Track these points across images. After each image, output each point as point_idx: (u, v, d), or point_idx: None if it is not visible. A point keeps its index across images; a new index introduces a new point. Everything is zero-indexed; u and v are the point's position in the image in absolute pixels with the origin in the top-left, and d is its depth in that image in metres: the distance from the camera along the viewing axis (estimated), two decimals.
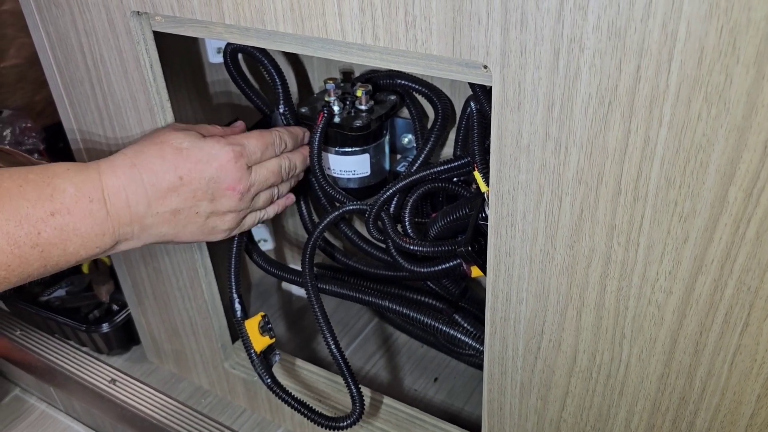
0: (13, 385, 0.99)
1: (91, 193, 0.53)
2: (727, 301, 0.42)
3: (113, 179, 0.54)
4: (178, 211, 0.57)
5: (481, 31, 0.42)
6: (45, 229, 0.51)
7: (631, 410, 0.50)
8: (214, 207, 0.58)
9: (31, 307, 0.94)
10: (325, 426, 0.67)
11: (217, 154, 0.57)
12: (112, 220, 0.54)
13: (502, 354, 0.55)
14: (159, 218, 0.56)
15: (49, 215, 0.51)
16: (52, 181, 0.52)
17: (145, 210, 0.55)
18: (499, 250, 0.50)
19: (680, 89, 0.37)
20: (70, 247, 0.53)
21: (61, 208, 0.52)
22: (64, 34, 0.64)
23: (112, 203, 0.54)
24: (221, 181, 0.57)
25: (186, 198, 0.57)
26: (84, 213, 0.53)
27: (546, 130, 0.42)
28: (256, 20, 0.51)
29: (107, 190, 0.54)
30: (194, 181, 0.56)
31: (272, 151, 0.62)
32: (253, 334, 0.67)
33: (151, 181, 0.55)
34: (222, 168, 0.57)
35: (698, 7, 0.34)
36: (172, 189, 0.56)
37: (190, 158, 0.56)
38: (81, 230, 0.53)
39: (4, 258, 0.50)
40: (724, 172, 0.38)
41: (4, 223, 0.49)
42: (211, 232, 0.60)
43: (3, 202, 0.50)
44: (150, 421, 0.82)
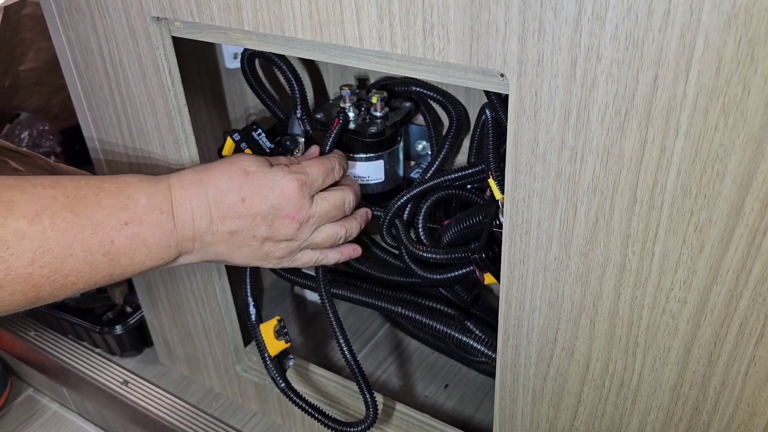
0: (26, 385, 1.00)
1: (161, 205, 0.54)
2: (742, 311, 0.42)
3: (181, 192, 0.55)
4: (236, 233, 0.57)
5: (498, 39, 0.42)
6: (118, 238, 0.52)
7: (643, 420, 0.50)
8: (271, 233, 0.58)
9: (45, 307, 0.94)
10: (338, 431, 0.67)
11: (281, 182, 0.57)
12: (177, 233, 0.55)
13: (515, 361, 0.55)
14: (218, 237, 0.57)
15: (122, 224, 0.52)
16: (126, 191, 0.53)
17: (207, 226, 0.56)
18: (514, 257, 0.50)
19: (697, 99, 0.37)
20: (138, 257, 0.53)
21: (133, 217, 0.52)
22: (84, 38, 0.65)
23: (179, 216, 0.55)
24: (282, 208, 0.57)
25: (245, 221, 0.57)
26: (154, 224, 0.53)
27: (562, 139, 0.43)
28: (275, 27, 0.52)
29: (175, 202, 0.55)
30: (256, 205, 0.57)
31: (332, 178, 0.62)
32: (268, 338, 0.68)
33: (215, 198, 0.56)
34: (284, 195, 0.57)
35: (717, 18, 0.34)
36: (233, 209, 0.56)
37: (255, 182, 0.57)
38: (149, 241, 0.53)
39: (77, 264, 0.50)
40: (740, 182, 0.38)
41: (80, 229, 0.50)
42: (264, 258, 0.60)
43: (80, 209, 0.50)
44: (161, 423, 0.83)
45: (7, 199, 0.48)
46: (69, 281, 0.50)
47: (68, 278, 0.50)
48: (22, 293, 0.48)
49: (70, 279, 0.50)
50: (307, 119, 0.69)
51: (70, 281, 0.51)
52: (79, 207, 0.50)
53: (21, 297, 0.49)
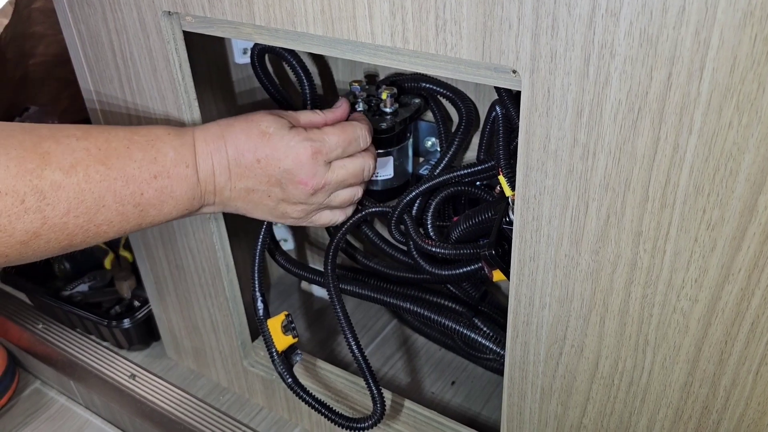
0: (34, 378, 1.00)
1: (187, 159, 0.55)
2: (753, 310, 0.41)
3: (203, 146, 0.56)
4: (252, 191, 0.58)
5: (511, 36, 0.42)
6: (147, 190, 0.53)
7: (652, 418, 0.50)
8: (285, 195, 0.59)
9: (53, 301, 0.95)
10: (346, 427, 0.67)
11: (294, 147, 0.57)
12: (201, 185, 0.57)
13: (524, 358, 0.55)
14: (236, 193, 0.58)
15: (152, 177, 0.53)
16: (155, 144, 0.54)
17: (226, 182, 0.57)
18: (524, 254, 0.50)
19: (712, 97, 0.37)
20: (165, 209, 0.55)
21: (162, 171, 0.54)
22: (95, 32, 0.65)
23: (202, 169, 0.56)
24: (295, 173, 0.58)
25: (260, 181, 0.58)
26: (180, 177, 0.55)
27: (574, 136, 0.42)
28: (286, 22, 0.52)
29: (198, 156, 0.56)
30: (269, 167, 0.57)
31: (355, 147, 0.61)
32: (276, 333, 0.68)
33: (233, 155, 0.57)
34: (297, 161, 0.57)
35: (732, 15, 0.34)
36: (249, 168, 0.57)
37: (270, 145, 0.57)
38: (176, 193, 0.55)
39: (109, 214, 0.52)
40: (754, 180, 0.38)
41: (113, 182, 0.51)
42: (281, 216, 0.61)
43: (112, 161, 0.52)
44: (168, 416, 0.83)
45: (43, 150, 0.49)
46: (101, 230, 0.52)
47: (100, 227, 0.52)
48: (57, 241, 0.50)
49: (102, 228, 0.52)
50: None
51: (102, 230, 0.52)
52: (110, 160, 0.52)
53: (56, 245, 0.51)
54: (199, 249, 0.73)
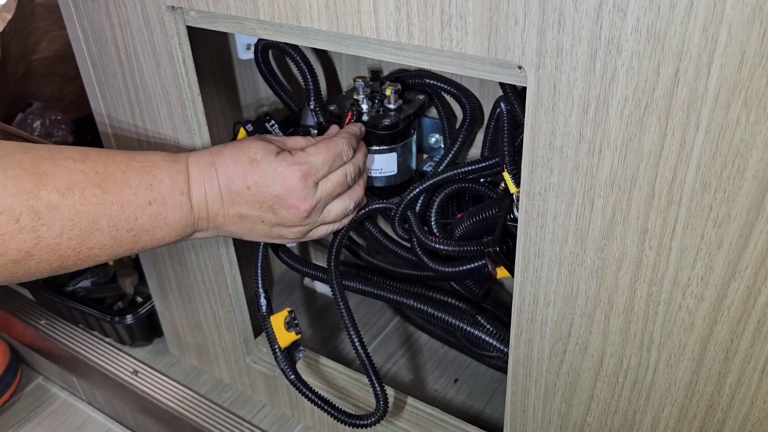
0: (37, 374, 1.00)
1: (181, 186, 0.56)
2: (759, 308, 0.41)
3: (196, 173, 0.57)
4: (245, 217, 0.59)
5: (517, 31, 0.41)
6: (142, 216, 0.54)
7: (657, 416, 0.50)
8: (278, 220, 0.59)
9: (56, 297, 0.95)
10: (349, 424, 0.67)
11: (283, 173, 0.57)
12: (194, 213, 0.57)
13: (527, 356, 0.55)
14: (229, 219, 0.59)
15: (147, 204, 0.54)
16: (152, 170, 0.55)
17: (218, 209, 0.58)
18: (528, 251, 0.49)
19: (719, 93, 0.36)
20: (158, 234, 0.55)
21: (158, 198, 0.54)
22: (98, 27, 0.64)
23: (194, 197, 0.56)
24: (285, 198, 0.58)
25: (252, 206, 0.58)
26: (175, 204, 0.55)
27: (580, 132, 0.42)
28: (290, 17, 0.52)
29: (192, 183, 0.56)
30: (260, 194, 0.58)
31: (339, 162, 0.61)
32: (279, 329, 0.68)
33: (224, 182, 0.57)
34: (287, 186, 0.57)
35: (740, 10, 0.34)
36: (240, 195, 0.58)
37: (259, 171, 0.57)
38: (170, 220, 0.55)
39: (102, 238, 0.52)
40: (761, 178, 0.37)
41: (108, 206, 0.52)
42: (277, 238, 0.62)
43: (109, 185, 0.52)
44: (171, 413, 0.83)
45: (40, 170, 0.49)
46: (93, 253, 0.52)
47: (92, 250, 0.52)
48: (48, 262, 0.50)
49: (94, 251, 0.52)
50: (320, 111, 0.69)
51: (94, 253, 0.53)
52: (107, 184, 0.52)
53: (47, 266, 0.51)
54: (201, 245, 0.73)
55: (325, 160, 0.59)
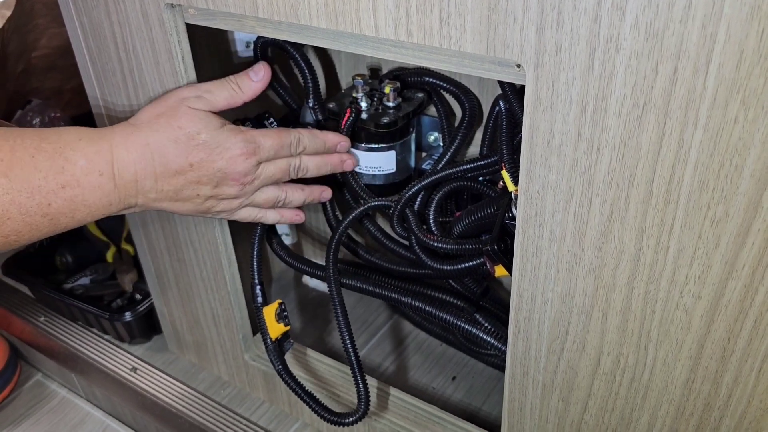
0: (35, 371, 1.00)
1: (101, 167, 0.54)
2: (757, 307, 0.41)
3: (125, 154, 0.55)
4: (181, 191, 0.58)
5: (516, 29, 0.42)
6: (55, 201, 0.52)
7: (654, 414, 0.50)
8: (214, 192, 0.59)
9: (55, 294, 0.95)
10: (330, 421, 0.67)
11: (229, 147, 0.58)
12: (119, 191, 0.56)
13: (525, 354, 0.55)
14: (162, 194, 0.58)
15: (60, 188, 0.52)
16: (64, 152, 0.53)
17: (152, 185, 0.57)
18: (526, 249, 0.50)
19: (717, 92, 0.36)
20: (78, 216, 0.55)
21: (71, 180, 0.53)
22: (97, 24, 0.64)
23: (121, 176, 0.55)
24: (228, 172, 0.58)
25: (191, 181, 0.58)
26: (93, 186, 0.54)
27: (578, 131, 0.42)
28: (289, 14, 0.52)
29: (117, 164, 0.55)
30: (203, 169, 0.57)
31: (287, 152, 0.62)
32: (270, 320, 0.68)
33: (161, 162, 0.56)
34: (232, 160, 0.58)
35: (739, 9, 0.34)
36: (180, 172, 0.57)
37: (204, 147, 0.57)
38: (89, 201, 0.54)
39: (15, 225, 0.51)
40: (759, 176, 0.37)
41: (16, 194, 0.51)
42: (205, 212, 0.62)
43: (15, 172, 0.51)
44: (169, 410, 0.83)
45: None
46: (10, 240, 0.52)
47: (9, 238, 0.52)
48: None
49: (11, 238, 0.52)
50: (319, 108, 0.69)
51: (11, 240, 0.52)
52: (14, 171, 0.50)
53: None
54: (200, 242, 0.73)
55: (273, 145, 0.60)
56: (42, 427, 0.90)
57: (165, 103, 0.59)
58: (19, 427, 0.90)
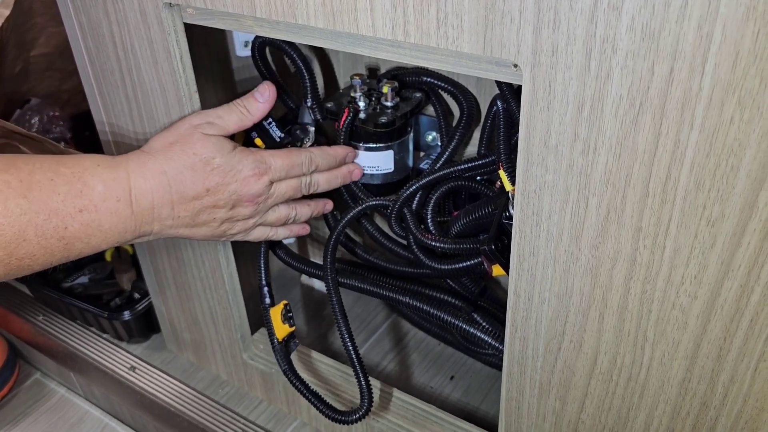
0: (34, 370, 1.00)
1: (118, 193, 0.55)
2: (753, 307, 0.41)
3: (141, 182, 0.56)
4: (197, 216, 0.59)
5: (513, 29, 0.42)
6: (72, 225, 0.52)
7: (650, 414, 0.50)
8: (230, 215, 0.61)
9: (54, 293, 0.95)
10: (334, 419, 0.67)
11: (242, 170, 0.59)
12: (135, 218, 0.56)
13: (522, 353, 0.55)
14: (179, 221, 0.59)
15: (77, 212, 0.53)
16: (83, 177, 0.53)
17: (168, 213, 0.58)
18: (523, 249, 0.50)
19: (713, 92, 0.36)
20: (93, 241, 0.55)
21: (88, 205, 0.53)
22: (96, 23, 0.65)
23: (138, 204, 0.56)
24: (243, 193, 0.60)
25: (207, 206, 0.59)
26: (110, 211, 0.54)
27: (575, 131, 0.42)
28: (287, 14, 0.52)
29: (135, 191, 0.55)
30: (219, 193, 0.58)
31: (298, 171, 0.63)
32: (276, 321, 0.69)
33: (177, 189, 0.57)
34: (245, 182, 0.59)
35: (735, 9, 0.34)
36: (196, 198, 0.58)
37: (218, 172, 0.58)
38: (105, 227, 0.54)
39: (31, 248, 0.51)
40: (755, 177, 0.37)
41: (33, 215, 0.50)
42: (221, 236, 0.63)
43: (34, 194, 0.51)
44: (168, 409, 0.83)
45: None
46: (24, 264, 0.52)
47: (23, 261, 0.51)
48: None
49: (25, 262, 0.52)
50: (317, 108, 0.69)
51: (25, 264, 0.52)
52: (32, 193, 0.51)
53: None
54: (199, 242, 0.73)
55: (284, 165, 0.61)
56: (41, 425, 0.91)
57: (177, 132, 0.59)
58: (17, 426, 0.90)
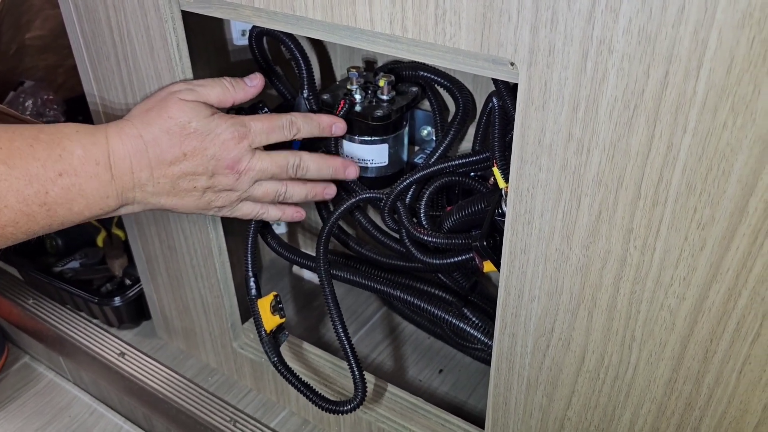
0: (23, 353, 1.00)
1: (97, 157, 0.55)
2: (740, 310, 0.42)
3: (119, 146, 0.56)
4: (178, 184, 0.59)
5: (510, 28, 0.42)
6: (53, 189, 0.53)
7: (636, 412, 0.51)
8: (211, 183, 0.60)
9: (44, 277, 0.95)
10: (326, 410, 0.67)
11: (221, 133, 0.58)
12: (116, 183, 0.56)
13: (511, 350, 0.55)
14: (159, 187, 0.58)
15: (57, 176, 0.53)
16: (62, 142, 0.54)
17: (148, 177, 0.57)
18: (515, 246, 0.50)
19: (707, 97, 0.37)
20: (75, 207, 0.55)
21: (68, 169, 0.53)
22: (92, 7, 0.64)
23: (117, 168, 0.56)
24: (221, 158, 0.59)
25: (186, 172, 0.58)
26: (90, 175, 0.54)
27: (569, 131, 0.42)
28: (285, 5, 0.51)
29: (113, 155, 0.56)
30: (197, 157, 0.58)
31: (280, 134, 0.62)
32: (265, 312, 0.68)
33: (155, 153, 0.57)
34: (224, 146, 0.58)
35: (731, 16, 0.34)
36: (174, 162, 0.58)
37: (196, 136, 0.58)
38: (86, 191, 0.54)
39: (13, 215, 0.52)
40: (745, 182, 0.38)
41: (14, 181, 0.51)
42: (206, 207, 0.62)
43: (14, 161, 0.51)
44: (156, 395, 0.83)
45: None
46: (7, 232, 0.52)
47: (6, 229, 0.52)
48: None
49: (8, 230, 0.52)
50: (313, 99, 0.69)
51: (8, 232, 0.52)
52: (12, 159, 0.51)
53: None
54: (191, 230, 0.73)
55: (264, 128, 0.60)
56: (28, 409, 0.91)
57: (155, 98, 0.59)
58: (5, 409, 0.91)
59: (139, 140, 0.56)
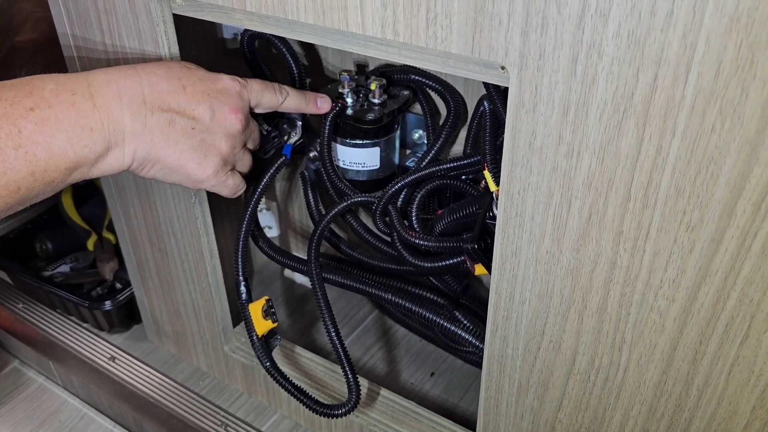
0: (13, 357, 1.00)
1: (73, 88, 0.51)
2: (728, 312, 0.42)
3: (103, 75, 0.52)
4: (174, 121, 0.54)
5: (501, 32, 0.42)
6: (26, 126, 0.48)
7: (626, 414, 0.51)
8: (208, 125, 0.56)
9: (34, 281, 0.94)
10: (320, 413, 0.67)
11: (222, 78, 0.58)
12: (99, 113, 0.51)
13: (502, 352, 0.55)
14: (153, 121, 0.53)
15: (28, 110, 0.48)
16: (32, 81, 0.50)
17: (139, 107, 0.53)
18: (506, 249, 0.50)
19: (696, 101, 0.37)
20: (56, 146, 0.49)
21: (40, 102, 0.49)
22: (83, 11, 0.64)
23: (100, 95, 0.51)
24: (224, 99, 0.57)
25: (185, 104, 0.55)
26: (66, 104, 0.50)
27: (560, 134, 0.43)
28: (277, 9, 0.52)
29: (94, 84, 0.52)
30: (197, 92, 0.55)
31: (271, 95, 0.62)
32: (256, 317, 0.68)
33: (150, 81, 0.53)
34: (226, 89, 0.57)
35: (719, 20, 0.35)
36: (172, 94, 0.54)
37: (196, 74, 0.57)
38: (65, 123, 0.49)
39: None
40: (734, 185, 0.38)
41: None
42: (200, 163, 0.57)
43: None
44: (147, 399, 0.83)
45: None
46: None
47: None
48: None
49: None
50: None
51: None
52: None
53: None
54: (183, 233, 0.73)
55: (258, 85, 0.61)
56: (18, 414, 0.90)
57: None
58: None
59: (129, 69, 0.53)
